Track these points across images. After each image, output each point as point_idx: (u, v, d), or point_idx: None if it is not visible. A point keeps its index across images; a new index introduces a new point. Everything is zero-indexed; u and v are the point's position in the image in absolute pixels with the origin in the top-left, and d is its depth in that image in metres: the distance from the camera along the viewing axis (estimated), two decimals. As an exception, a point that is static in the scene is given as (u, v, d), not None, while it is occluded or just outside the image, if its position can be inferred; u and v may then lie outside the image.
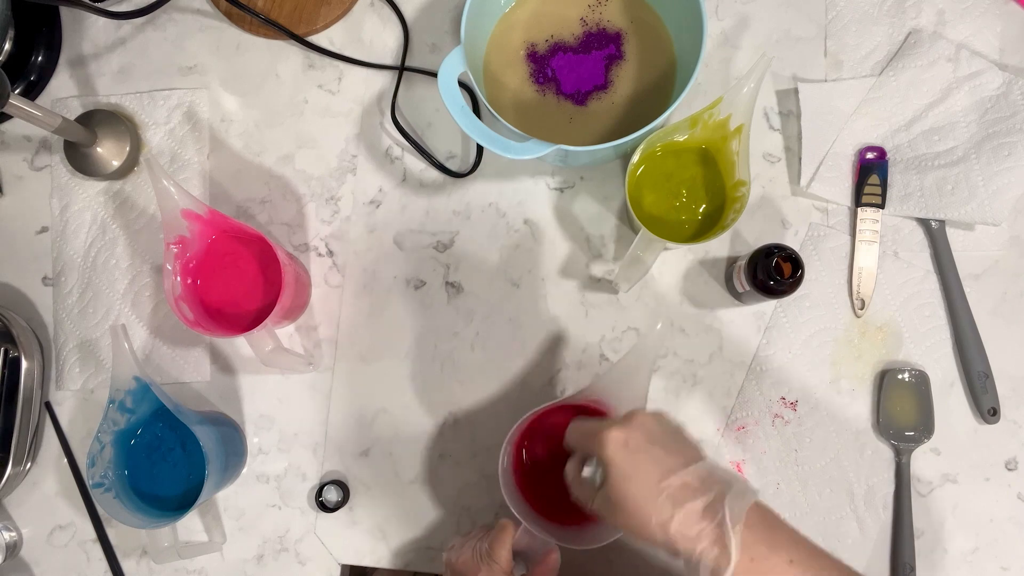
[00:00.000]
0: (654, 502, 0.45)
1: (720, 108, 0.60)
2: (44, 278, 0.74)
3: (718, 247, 0.69)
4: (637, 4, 0.69)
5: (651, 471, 0.46)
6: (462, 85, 0.72)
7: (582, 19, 0.70)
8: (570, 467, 0.53)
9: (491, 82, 0.69)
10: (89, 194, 0.73)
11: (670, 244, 0.60)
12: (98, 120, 0.72)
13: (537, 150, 0.59)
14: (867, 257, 0.68)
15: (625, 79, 0.69)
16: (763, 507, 0.45)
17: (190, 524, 0.70)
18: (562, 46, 0.70)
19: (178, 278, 0.64)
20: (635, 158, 0.62)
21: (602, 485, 0.48)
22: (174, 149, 0.74)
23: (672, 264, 0.69)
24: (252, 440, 0.71)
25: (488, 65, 0.69)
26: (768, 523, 0.45)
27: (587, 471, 0.51)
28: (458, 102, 0.59)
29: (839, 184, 0.69)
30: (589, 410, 0.61)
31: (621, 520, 0.47)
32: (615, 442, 0.48)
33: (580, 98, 0.69)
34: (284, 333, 0.71)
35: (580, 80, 0.69)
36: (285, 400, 0.71)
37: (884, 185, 0.67)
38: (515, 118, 0.68)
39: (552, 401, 0.59)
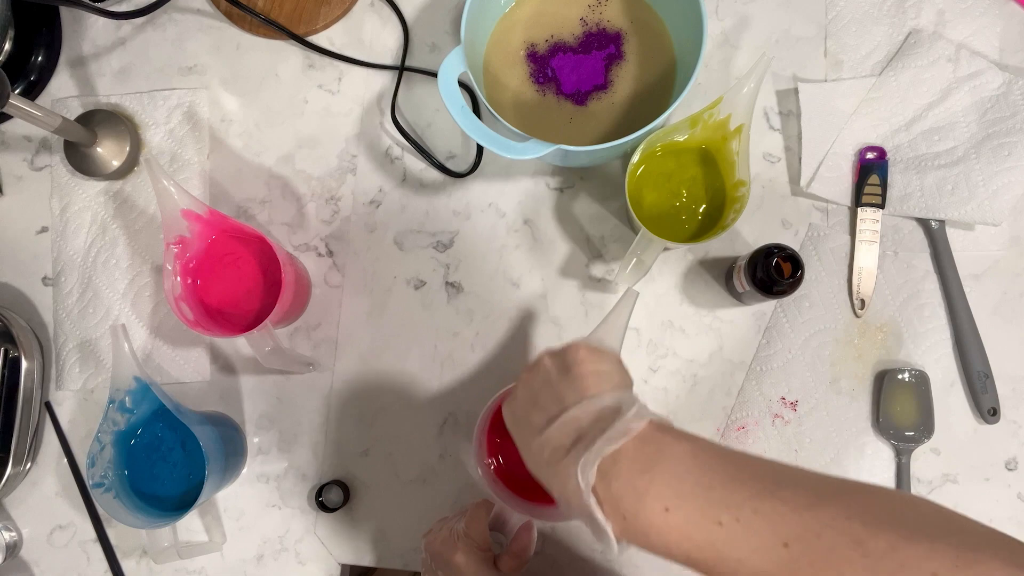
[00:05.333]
0: (542, 471, 0.42)
1: (720, 108, 0.60)
2: (44, 278, 0.74)
3: (718, 247, 0.69)
4: (637, 4, 0.69)
5: (527, 439, 0.43)
6: (462, 85, 0.72)
7: (582, 19, 0.70)
8: None
9: (491, 82, 0.69)
10: (89, 194, 0.73)
11: (670, 244, 0.60)
12: (98, 120, 0.72)
13: (537, 150, 0.59)
14: (867, 257, 0.68)
15: (625, 79, 0.69)
16: (643, 437, 0.39)
17: (190, 524, 0.70)
18: (562, 46, 0.70)
19: (178, 278, 0.64)
20: (635, 158, 0.62)
21: None
22: (174, 149, 0.74)
23: (672, 264, 0.69)
24: (252, 440, 0.71)
25: (488, 65, 0.69)
26: (642, 463, 0.38)
27: None
28: (458, 102, 0.59)
29: (839, 184, 0.69)
30: None
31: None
32: (506, 417, 0.46)
33: (580, 98, 0.69)
34: (284, 333, 0.71)
35: (580, 80, 0.69)
36: (285, 400, 0.71)
37: (884, 185, 0.67)
38: (515, 118, 0.68)
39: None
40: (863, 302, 0.67)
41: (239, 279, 0.67)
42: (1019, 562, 0.29)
